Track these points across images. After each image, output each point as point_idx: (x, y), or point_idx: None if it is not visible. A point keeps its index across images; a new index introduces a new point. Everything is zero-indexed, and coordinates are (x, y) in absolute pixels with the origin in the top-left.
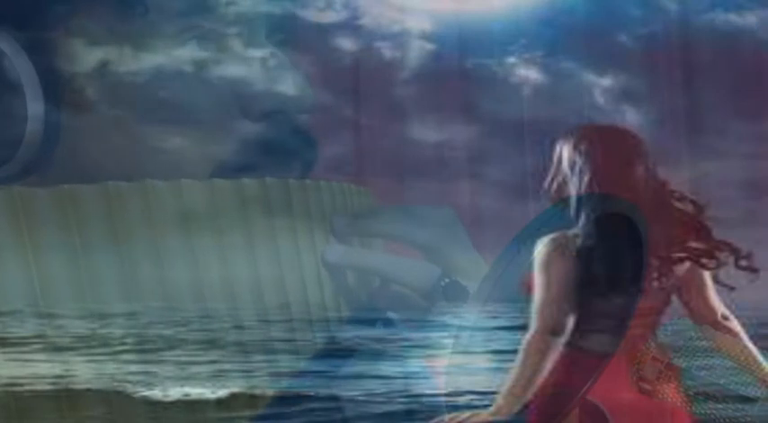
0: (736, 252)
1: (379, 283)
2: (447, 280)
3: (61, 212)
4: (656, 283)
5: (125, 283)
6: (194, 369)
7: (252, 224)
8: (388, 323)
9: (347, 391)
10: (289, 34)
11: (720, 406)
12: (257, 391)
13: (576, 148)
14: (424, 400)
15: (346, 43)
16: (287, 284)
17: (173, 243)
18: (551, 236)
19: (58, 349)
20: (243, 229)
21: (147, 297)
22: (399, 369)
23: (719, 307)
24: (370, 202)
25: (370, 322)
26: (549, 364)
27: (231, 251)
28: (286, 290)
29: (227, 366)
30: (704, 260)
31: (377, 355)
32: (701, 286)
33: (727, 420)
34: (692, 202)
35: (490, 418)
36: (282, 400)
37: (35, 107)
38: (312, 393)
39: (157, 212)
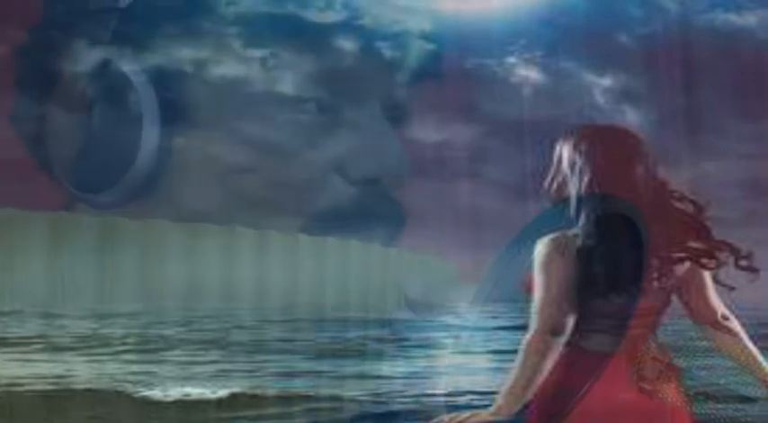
0: (736, 252)
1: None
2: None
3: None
4: (656, 283)
5: (127, 283)
6: (195, 369)
7: (255, 225)
8: (388, 324)
9: (347, 391)
10: (289, 34)
11: (720, 406)
12: (257, 391)
13: (576, 148)
14: (424, 400)
15: (346, 43)
16: (288, 285)
17: (175, 244)
18: (551, 236)
19: (59, 349)
20: (245, 230)
21: (149, 297)
22: (399, 369)
23: (719, 307)
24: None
25: (371, 323)
26: (549, 364)
27: (233, 252)
28: (287, 291)
29: (227, 366)
30: (704, 260)
31: (377, 356)
32: (701, 286)
33: (728, 420)
34: (692, 202)
35: (490, 418)
36: (282, 400)
37: (150, 135)
38: (312, 393)
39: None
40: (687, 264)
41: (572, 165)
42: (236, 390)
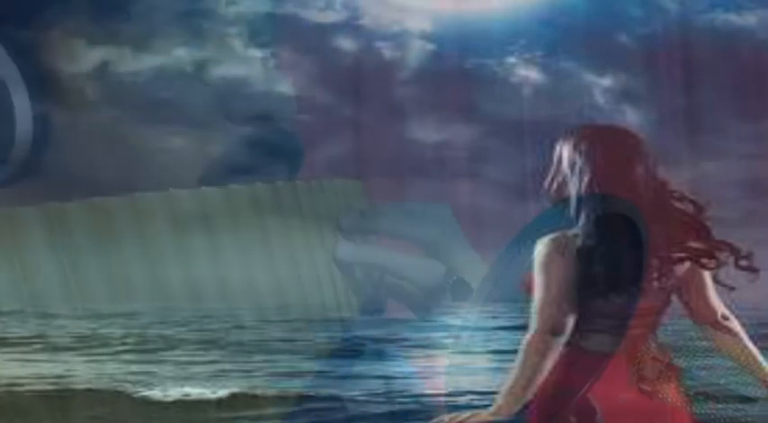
0: (736, 252)
1: (386, 279)
2: (454, 278)
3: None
4: (656, 283)
5: (125, 283)
6: (194, 369)
7: (249, 225)
8: (386, 323)
9: (347, 391)
10: (289, 34)
11: (720, 406)
12: (257, 392)
13: (576, 148)
14: (424, 400)
15: (346, 43)
16: (287, 285)
17: (173, 245)
18: (551, 236)
19: (59, 349)
20: (241, 230)
21: (148, 298)
22: (399, 369)
23: (719, 307)
24: (362, 196)
25: (371, 323)
26: (549, 364)
27: (231, 252)
28: (286, 290)
29: (227, 366)
30: (704, 260)
31: (377, 355)
32: (701, 286)
33: (728, 420)
34: (692, 202)
35: (490, 418)
36: (282, 400)
37: (23, 108)
38: (312, 393)
39: (154, 216)
40: (687, 264)
41: (572, 165)
42: (236, 390)
